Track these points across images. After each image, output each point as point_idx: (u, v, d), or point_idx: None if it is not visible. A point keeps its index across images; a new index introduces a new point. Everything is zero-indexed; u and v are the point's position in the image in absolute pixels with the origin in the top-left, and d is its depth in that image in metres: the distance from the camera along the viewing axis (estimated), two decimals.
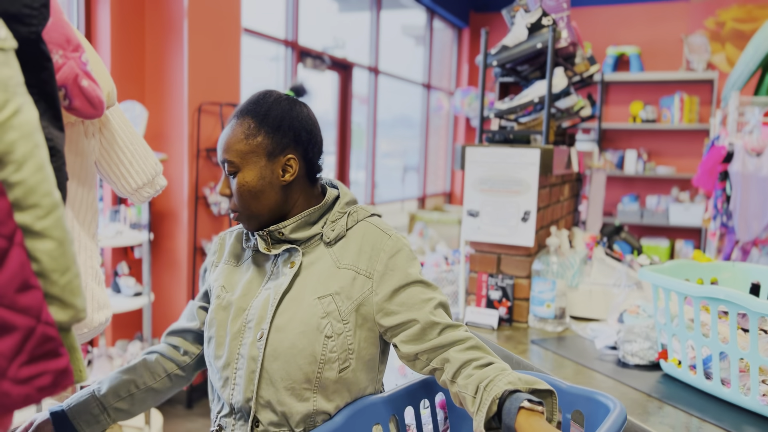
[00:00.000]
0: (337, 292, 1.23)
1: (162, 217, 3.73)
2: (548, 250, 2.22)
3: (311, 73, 5.38)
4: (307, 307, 1.22)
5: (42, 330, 0.62)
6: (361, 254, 1.26)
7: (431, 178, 8.13)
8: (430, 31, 7.61)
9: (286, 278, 1.26)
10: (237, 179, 1.24)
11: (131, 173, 1.22)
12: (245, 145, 1.23)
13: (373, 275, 1.25)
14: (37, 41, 0.80)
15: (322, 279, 1.25)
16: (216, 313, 1.31)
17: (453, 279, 2.37)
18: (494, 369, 1.17)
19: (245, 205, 1.25)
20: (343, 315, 1.22)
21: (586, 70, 2.78)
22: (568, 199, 2.87)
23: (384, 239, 1.28)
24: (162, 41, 3.63)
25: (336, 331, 1.22)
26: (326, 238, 1.28)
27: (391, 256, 1.26)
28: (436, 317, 1.24)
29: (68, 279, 0.66)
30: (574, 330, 2.16)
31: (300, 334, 1.21)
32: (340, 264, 1.26)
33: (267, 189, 1.24)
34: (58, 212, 0.66)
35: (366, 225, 1.31)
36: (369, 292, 1.24)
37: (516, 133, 2.33)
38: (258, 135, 1.23)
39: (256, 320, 1.24)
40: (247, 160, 1.23)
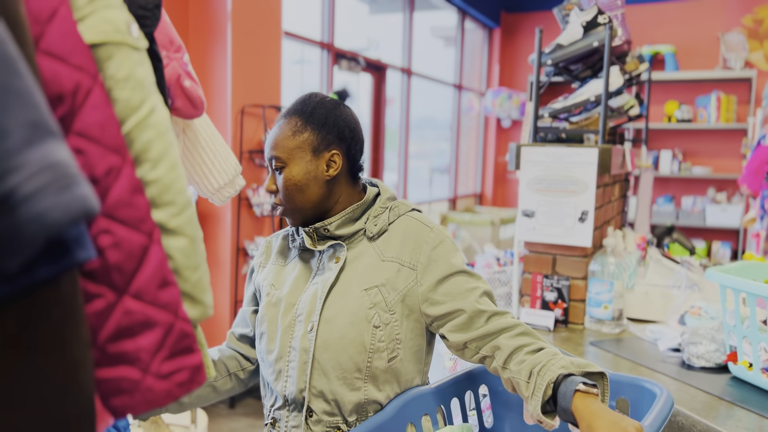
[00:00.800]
0: (383, 284, 1.27)
1: (205, 218, 3.76)
2: (605, 251, 2.20)
3: (346, 75, 5.39)
4: (354, 298, 1.26)
5: (180, 326, 0.63)
6: (404, 247, 1.29)
7: (461, 180, 8.10)
8: (461, 31, 7.59)
9: (333, 273, 1.30)
10: (283, 174, 1.28)
11: (213, 173, 1.23)
12: (292, 141, 1.27)
13: (416, 267, 1.27)
14: (151, 42, 0.81)
15: (367, 272, 1.28)
16: (267, 309, 1.36)
17: (506, 280, 2.35)
18: (546, 354, 1.19)
19: (291, 199, 1.29)
20: (389, 305, 1.26)
21: (635, 69, 2.75)
22: (618, 199, 2.84)
23: (426, 231, 1.31)
24: (205, 45, 3.67)
25: (383, 321, 1.25)
26: (369, 233, 1.32)
27: (434, 247, 1.29)
28: (482, 305, 1.26)
29: (199, 276, 0.67)
30: (632, 332, 2.13)
31: (349, 325, 1.24)
32: (384, 257, 1.29)
33: (312, 183, 1.28)
34: (191, 210, 0.66)
35: (407, 219, 1.34)
36: (413, 283, 1.27)
37: (569, 132, 2.31)
38: (304, 131, 1.28)
39: (305, 314, 1.29)
40: (294, 155, 1.27)
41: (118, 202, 0.60)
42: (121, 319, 0.60)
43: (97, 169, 0.59)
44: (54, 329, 0.52)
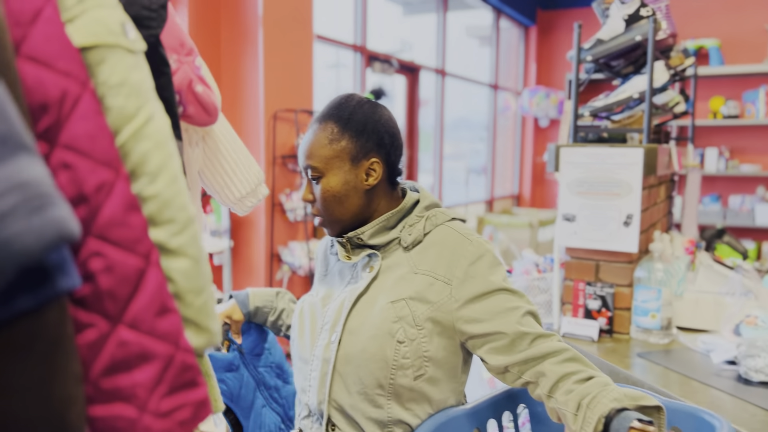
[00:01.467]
0: (412, 297, 1.19)
1: (240, 224, 3.74)
2: (651, 256, 2.08)
3: (380, 77, 5.33)
4: (379, 310, 1.19)
5: (181, 358, 0.56)
6: (439, 259, 1.21)
7: (498, 181, 7.96)
8: (496, 30, 7.46)
9: (363, 282, 1.24)
10: (321, 185, 1.22)
11: (234, 182, 1.18)
12: (329, 149, 1.21)
13: (451, 281, 1.19)
14: (156, 45, 0.75)
15: (397, 283, 1.22)
16: (299, 314, 1.34)
17: (546, 287, 2.25)
18: (596, 384, 1.10)
19: (329, 210, 1.23)
20: (417, 320, 1.18)
21: (680, 64, 2.62)
22: (664, 201, 2.70)
23: (464, 244, 1.22)
24: (237, 50, 3.65)
25: (409, 337, 1.17)
26: (404, 242, 1.25)
27: (472, 262, 1.20)
28: (525, 326, 1.17)
29: (203, 300, 0.60)
30: (683, 342, 2.01)
31: (371, 338, 1.18)
32: (417, 269, 1.22)
33: (351, 194, 1.22)
34: (194, 228, 0.60)
35: (446, 229, 1.25)
36: (447, 298, 1.19)
37: (611, 132, 2.20)
38: (342, 139, 1.21)
39: (331, 322, 1.24)
40: (331, 165, 1.21)
41: (111, 221, 0.54)
42: (116, 351, 0.54)
43: (87, 185, 0.53)
44: (38, 364, 0.46)
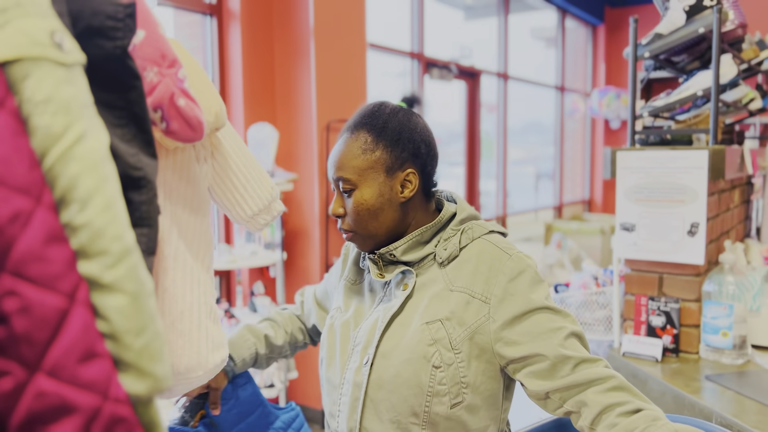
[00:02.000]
0: (448, 318, 1.10)
1: (294, 236, 3.73)
2: (722, 268, 1.89)
3: (438, 83, 5.24)
4: (413, 333, 1.11)
5: (110, 409, 0.50)
6: (476, 276, 1.12)
7: (568, 185, 7.69)
8: (562, 31, 7.23)
9: (397, 301, 1.15)
10: (354, 198, 1.14)
11: (246, 199, 1.11)
12: (362, 160, 1.14)
13: (489, 300, 1.10)
14: (123, 57, 0.69)
15: (432, 302, 1.13)
16: (328, 333, 1.25)
17: (605, 302, 2.09)
18: (644, 418, 0.98)
19: (363, 225, 1.15)
20: (454, 343, 1.09)
21: (755, 57, 2.40)
22: (738, 207, 2.48)
23: (503, 259, 1.12)
24: (290, 62, 3.64)
25: (446, 361, 1.09)
26: (439, 257, 1.16)
27: (512, 278, 1.11)
28: (568, 350, 1.07)
29: (145, 341, 0.54)
30: (759, 363, 1.82)
31: (405, 362, 1.10)
32: (453, 287, 1.13)
33: (386, 207, 1.15)
34: (131, 259, 0.53)
35: (483, 243, 1.16)
36: (485, 318, 1.10)
37: (675, 133, 2.03)
38: (376, 149, 1.14)
39: (363, 344, 1.16)
40: (365, 176, 1.14)
41: (27, 255, 0.48)
42: (33, 403, 0.48)
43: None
44: None
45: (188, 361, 1.02)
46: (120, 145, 0.69)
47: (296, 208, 3.71)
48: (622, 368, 1.91)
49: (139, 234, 0.69)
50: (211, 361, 1.05)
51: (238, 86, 3.53)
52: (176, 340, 1.01)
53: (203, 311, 1.04)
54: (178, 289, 1.01)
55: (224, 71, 3.57)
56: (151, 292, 0.55)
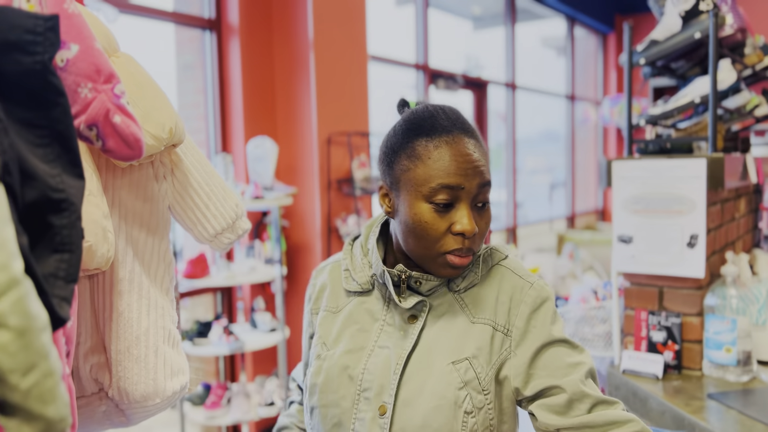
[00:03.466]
0: (475, 356, 0.99)
1: (296, 250, 3.69)
2: (724, 281, 1.82)
3: (444, 94, 5.20)
4: (439, 374, 0.98)
5: None
6: (498, 306, 1.02)
7: (580, 195, 7.59)
8: (571, 39, 7.17)
9: (411, 336, 1.01)
10: (489, 211, 1.02)
11: (208, 218, 1.07)
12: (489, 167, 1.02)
13: (511, 332, 1.01)
14: (44, 72, 0.66)
15: (454, 337, 1.01)
16: (316, 377, 1.06)
17: (605, 317, 2.02)
18: None
19: (481, 243, 1.02)
20: (483, 384, 0.98)
21: (759, 62, 2.33)
22: (745, 216, 2.40)
23: (525, 288, 1.03)
24: (290, 75, 3.63)
25: (477, 405, 0.97)
26: (455, 285, 1.03)
27: (535, 309, 1.01)
28: (588, 387, 0.98)
29: (34, 381, 0.49)
30: (765, 380, 1.74)
31: (434, 410, 0.96)
32: (474, 318, 1.02)
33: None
34: (17, 291, 0.49)
35: (501, 270, 1.05)
36: (507, 353, 1.00)
37: (674, 141, 1.96)
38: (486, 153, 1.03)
39: (375, 390, 1.00)
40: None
41: None
42: None
43: None
44: None
45: (144, 388, 0.97)
46: (40, 166, 0.66)
47: (297, 222, 3.68)
48: (622, 386, 1.84)
49: (59, 260, 0.65)
50: (169, 388, 1.00)
51: (238, 100, 3.51)
52: (132, 367, 0.97)
53: (160, 336, 1.00)
54: (133, 313, 0.98)
55: (224, 85, 3.56)
56: (44, 327, 0.51)
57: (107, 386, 0.98)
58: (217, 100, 3.56)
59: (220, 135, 3.59)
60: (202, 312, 3.77)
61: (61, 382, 0.51)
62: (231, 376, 3.60)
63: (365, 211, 3.83)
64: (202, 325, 3.20)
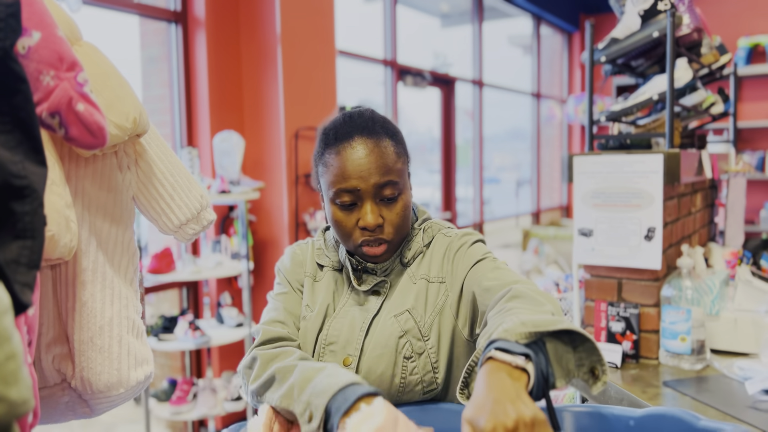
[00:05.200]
0: (413, 307, 1.12)
1: (263, 245, 3.68)
2: (680, 273, 1.88)
3: (412, 90, 5.23)
4: (384, 327, 1.11)
5: None
6: (432, 263, 1.17)
7: (546, 192, 7.71)
8: (537, 38, 7.26)
9: (373, 303, 1.16)
10: (401, 202, 1.13)
11: (172, 208, 1.08)
12: (401, 165, 1.14)
13: (445, 279, 1.15)
14: (5, 59, 0.66)
15: (398, 297, 1.15)
16: (303, 336, 1.18)
17: (566, 308, 2.07)
18: (511, 315, 0.87)
19: (401, 232, 1.14)
20: (423, 331, 1.11)
21: (715, 61, 2.40)
22: (701, 210, 2.48)
23: (450, 240, 1.18)
24: (257, 69, 3.61)
25: (416, 350, 1.10)
26: (404, 258, 1.18)
27: (456, 250, 1.16)
28: (489, 281, 1.05)
29: None
30: (718, 368, 1.80)
31: (378, 357, 1.09)
32: (415, 279, 1.16)
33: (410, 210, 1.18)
34: None
35: (440, 238, 1.21)
36: (445, 297, 1.13)
37: (634, 137, 2.02)
38: (402, 154, 1.15)
39: (340, 344, 1.13)
40: (405, 180, 1.15)
41: None
42: None
43: None
44: None
45: (108, 378, 0.98)
46: (1, 153, 0.66)
47: (264, 216, 3.67)
48: None
49: (21, 246, 0.65)
50: (133, 378, 1.01)
51: (204, 94, 3.49)
52: (95, 357, 0.97)
53: (124, 326, 1.00)
54: (96, 304, 0.98)
55: (190, 79, 3.53)
56: (6, 310, 0.51)
57: (70, 377, 0.98)
58: (182, 94, 3.52)
59: (185, 129, 3.55)
60: (167, 307, 3.73)
61: (23, 365, 0.52)
62: (197, 372, 3.58)
63: None
64: (167, 321, 3.17)
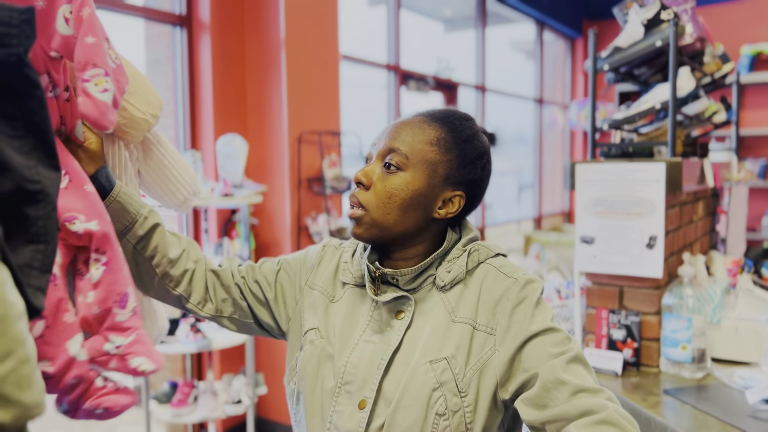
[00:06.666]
0: (453, 356, 0.97)
1: (265, 248, 3.69)
2: (681, 281, 1.89)
3: (415, 95, 5.24)
4: (416, 373, 0.97)
5: None
6: (480, 305, 1.01)
7: (547, 197, 7.71)
8: (540, 44, 7.28)
9: (396, 333, 1.01)
10: (396, 178, 1.01)
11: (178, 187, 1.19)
12: (428, 150, 1.01)
13: (495, 331, 0.98)
14: (19, 65, 0.67)
15: (434, 336, 0.99)
16: (307, 361, 1.06)
17: (568, 315, 2.08)
18: None
19: (385, 211, 1.01)
20: (461, 386, 0.96)
21: (717, 70, 2.41)
22: (703, 219, 2.49)
23: (508, 284, 1.01)
24: (262, 73, 3.62)
25: (451, 408, 0.95)
26: (440, 281, 1.03)
27: (517, 304, 0.99)
28: (568, 374, 0.92)
29: (10, 367, 0.51)
30: (718, 377, 1.81)
31: (405, 409, 0.95)
32: (455, 316, 1.00)
33: (419, 209, 1.02)
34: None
35: (487, 268, 1.04)
36: (491, 352, 0.97)
37: (636, 146, 2.03)
38: (446, 152, 1.02)
39: (357, 383, 1.00)
40: (421, 166, 1.01)
41: None
42: None
43: None
44: None
45: None
46: (16, 158, 0.67)
47: (267, 220, 3.68)
48: None
49: (35, 251, 0.66)
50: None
51: (208, 97, 3.50)
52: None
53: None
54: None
55: (194, 82, 3.55)
56: (21, 315, 0.52)
57: None
58: (187, 97, 3.54)
59: (189, 132, 3.57)
60: (169, 310, 3.74)
61: (36, 369, 0.53)
62: (198, 374, 3.58)
63: (335, 210, 3.84)
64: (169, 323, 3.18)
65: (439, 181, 1.02)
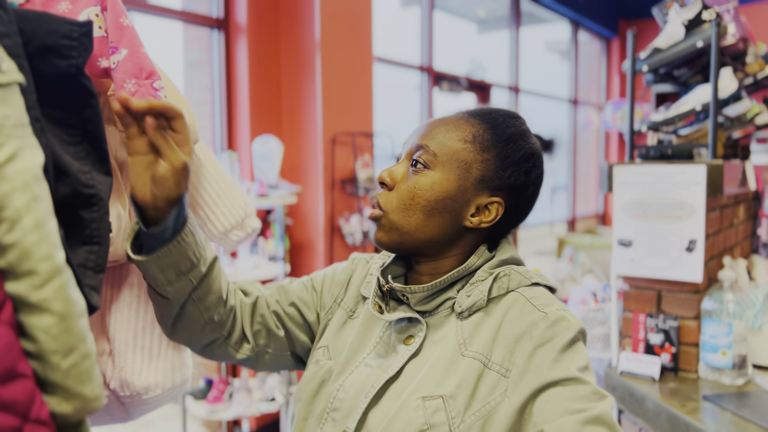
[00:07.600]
0: (452, 395, 0.82)
1: (299, 248, 3.73)
2: (722, 286, 1.86)
3: (447, 96, 5.24)
4: (404, 409, 0.83)
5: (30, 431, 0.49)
6: (498, 339, 0.85)
7: (581, 199, 7.63)
8: (575, 44, 7.21)
9: (398, 359, 0.88)
10: (421, 177, 0.89)
11: (217, 215, 1.10)
12: (463, 148, 0.89)
13: (510, 372, 0.82)
14: (78, 75, 0.69)
15: (435, 368, 0.85)
16: (306, 384, 0.96)
17: (604, 319, 2.06)
18: None
19: (404, 212, 0.89)
20: (454, 430, 0.81)
21: (760, 70, 2.37)
22: (744, 222, 2.44)
23: (534, 320, 0.84)
24: (296, 74, 3.66)
25: None
26: (458, 306, 0.88)
27: (541, 344, 0.82)
28: None
29: (73, 362, 0.53)
30: (759, 383, 1.77)
31: None
32: (466, 349, 0.85)
33: (445, 214, 0.89)
34: (60, 279, 0.53)
35: (516, 297, 0.88)
36: (501, 398, 0.81)
37: (675, 148, 2.00)
38: (484, 151, 0.90)
39: (343, 411, 0.88)
40: (452, 165, 0.89)
41: None
42: None
43: None
44: None
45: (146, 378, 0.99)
46: (72, 163, 0.69)
47: (301, 220, 3.72)
48: (619, 387, 1.88)
49: (89, 252, 0.69)
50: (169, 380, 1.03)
51: (244, 99, 3.55)
52: (135, 357, 0.99)
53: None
54: (141, 305, 1.01)
55: (231, 84, 3.60)
56: (82, 312, 0.55)
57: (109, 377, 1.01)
58: (223, 99, 3.60)
59: (226, 133, 3.63)
60: None
61: (96, 364, 0.55)
62: (233, 372, 3.64)
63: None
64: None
65: (472, 183, 0.89)
